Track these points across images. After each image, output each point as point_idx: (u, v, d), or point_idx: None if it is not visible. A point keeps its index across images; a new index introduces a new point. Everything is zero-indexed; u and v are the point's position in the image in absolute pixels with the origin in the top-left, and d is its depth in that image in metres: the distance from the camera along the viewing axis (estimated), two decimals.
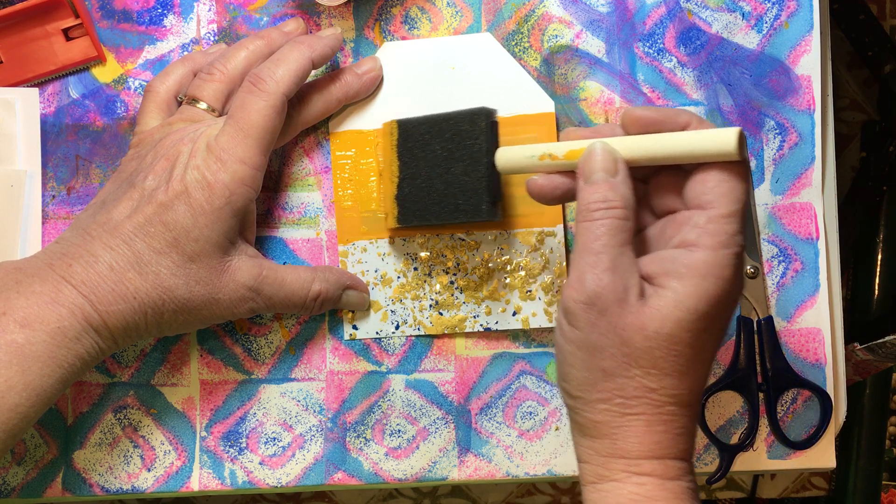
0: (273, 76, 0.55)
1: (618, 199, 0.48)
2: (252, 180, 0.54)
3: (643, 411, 0.47)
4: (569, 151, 0.50)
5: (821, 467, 0.61)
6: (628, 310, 0.46)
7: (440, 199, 0.57)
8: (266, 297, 0.56)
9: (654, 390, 0.47)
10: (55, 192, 0.61)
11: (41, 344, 0.50)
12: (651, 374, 0.46)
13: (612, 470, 0.48)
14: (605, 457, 0.48)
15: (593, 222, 0.47)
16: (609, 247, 0.47)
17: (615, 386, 0.47)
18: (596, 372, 0.47)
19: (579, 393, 0.48)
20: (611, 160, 0.48)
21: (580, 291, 0.47)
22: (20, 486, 0.60)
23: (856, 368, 0.84)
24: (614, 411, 0.47)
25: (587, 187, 0.48)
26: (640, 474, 0.47)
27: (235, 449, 0.61)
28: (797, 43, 0.61)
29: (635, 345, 0.46)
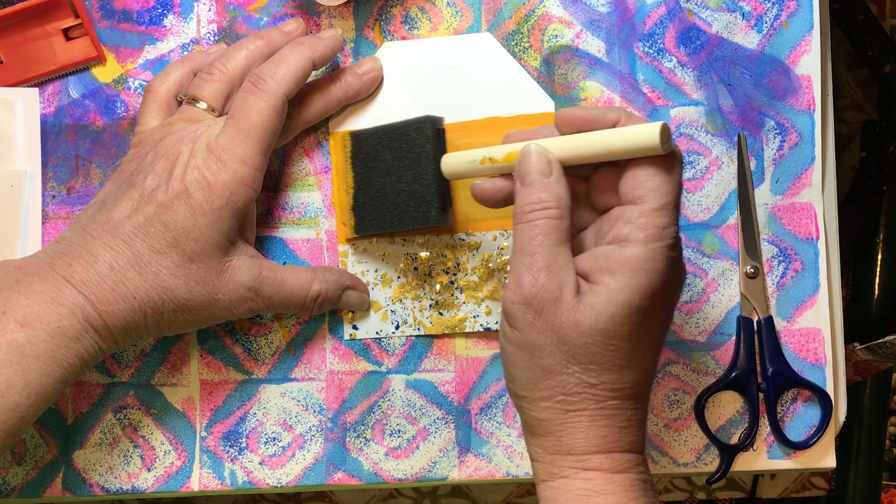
0: (274, 76, 0.55)
1: (552, 200, 0.48)
2: (252, 180, 0.54)
3: (585, 407, 0.48)
4: (507, 154, 0.51)
5: (821, 467, 0.61)
6: (563, 307, 0.47)
7: (393, 208, 0.57)
8: (266, 298, 0.56)
9: (594, 385, 0.47)
10: (55, 192, 0.61)
11: (41, 343, 0.50)
12: (590, 369, 0.47)
13: (560, 467, 0.49)
14: (552, 454, 0.49)
15: (528, 224, 0.48)
16: (543, 246, 0.48)
17: (556, 384, 0.48)
18: (537, 371, 0.48)
19: (523, 392, 0.49)
20: (544, 161, 0.49)
21: (517, 293, 0.48)
22: (20, 486, 0.60)
23: (856, 368, 0.84)
24: (557, 409, 0.48)
25: (522, 189, 0.49)
26: (587, 469, 0.48)
27: (235, 449, 0.61)
28: (797, 43, 0.61)
29: (572, 342, 0.47)
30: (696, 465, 0.61)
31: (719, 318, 0.61)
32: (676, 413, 0.61)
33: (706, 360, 0.61)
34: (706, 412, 0.61)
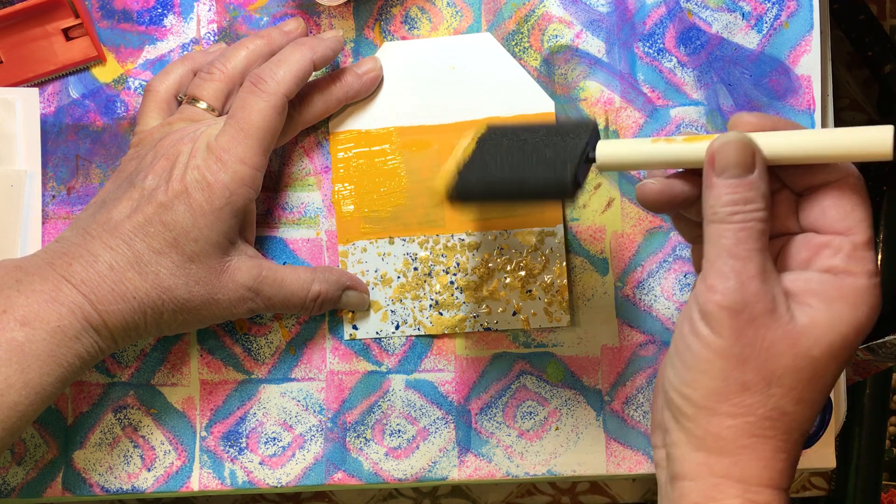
0: (274, 76, 0.55)
1: (759, 200, 0.44)
2: (252, 180, 0.54)
3: (774, 436, 0.44)
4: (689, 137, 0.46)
5: (821, 467, 0.61)
6: (779, 323, 0.44)
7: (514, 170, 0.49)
8: (265, 298, 0.56)
9: (787, 414, 0.44)
10: (55, 192, 0.61)
11: (41, 342, 0.50)
12: (790, 396, 0.44)
13: (724, 494, 0.44)
14: (720, 477, 0.45)
15: (736, 224, 0.44)
16: (755, 252, 0.44)
17: (751, 402, 0.44)
18: (733, 384, 0.44)
19: (707, 403, 0.45)
20: (748, 153, 0.44)
21: (726, 296, 0.44)
22: (20, 486, 0.60)
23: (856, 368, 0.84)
24: (743, 429, 0.44)
25: (722, 184, 0.44)
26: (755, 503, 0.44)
27: (235, 449, 0.61)
28: (797, 43, 0.61)
29: (782, 362, 0.44)
30: None
31: None
32: None
33: None
34: None
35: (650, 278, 0.61)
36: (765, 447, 0.44)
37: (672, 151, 0.46)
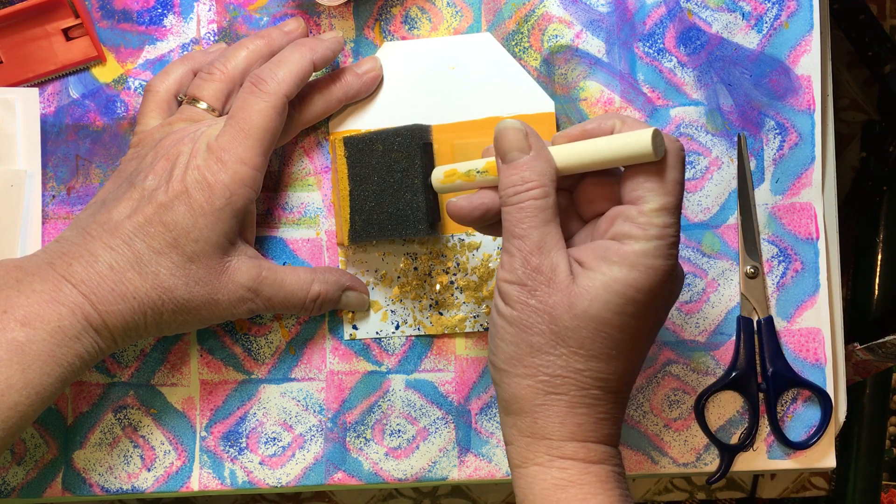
0: (274, 77, 0.55)
1: (535, 178, 0.48)
2: (252, 181, 0.54)
3: (566, 391, 0.48)
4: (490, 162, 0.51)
5: (821, 467, 0.61)
6: (556, 288, 0.47)
7: (385, 217, 0.57)
8: (265, 298, 0.56)
9: (579, 371, 0.47)
10: (55, 192, 0.61)
11: (41, 342, 0.50)
12: (578, 353, 0.47)
13: (535, 452, 0.48)
14: (527, 437, 0.48)
15: (514, 206, 0.48)
16: (532, 228, 0.48)
17: (541, 363, 0.48)
18: (523, 346, 0.48)
19: (505, 366, 0.49)
20: (521, 136, 0.49)
21: (511, 273, 0.48)
22: (20, 486, 0.60)
23: (856, 368, 0.84)
24: (538, 388, 0.48)
25: (504, 168, 0.49)
26: (562, 458, 0.48)
27: (235, 449, 0.61)
28: (797, 43, 0.61)
29: (563, 323, 0.47)
30: (696, 465, 0.61)
31: (719, 318, 0.61)
32: (676, 413, 0.61)
33: (706, 360, 0.61)
34: (706, 412, 0.61)
35: None
36: (558, 404, 0.48)
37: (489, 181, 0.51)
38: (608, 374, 0.48)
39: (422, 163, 0.56)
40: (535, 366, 0.48)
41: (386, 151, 0.57)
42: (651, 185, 0.47)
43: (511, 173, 0.48)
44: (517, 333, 0.48)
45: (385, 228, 0.57)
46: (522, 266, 0.48)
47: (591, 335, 0.47)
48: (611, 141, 0.48)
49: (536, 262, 0.47)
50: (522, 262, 0.48)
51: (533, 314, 0.47)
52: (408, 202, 0.57)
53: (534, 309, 0.47)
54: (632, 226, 0.47)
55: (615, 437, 0.49)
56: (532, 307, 0.47)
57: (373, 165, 0.57)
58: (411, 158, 0.57)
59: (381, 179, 0.57)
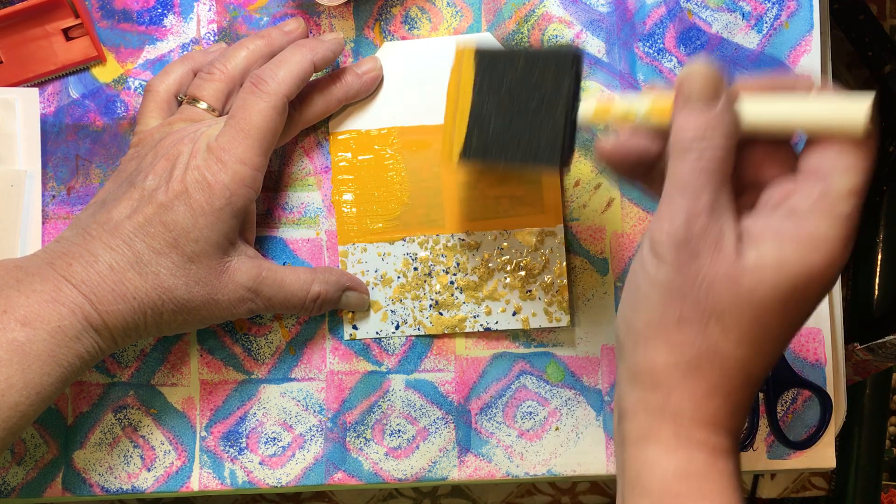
0: (275, 77, 0.55)
1: (720, 131, 0.43)
2: (252, 181, 0.54)
3: (710, 374, 0.43)
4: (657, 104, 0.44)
5: (821, 467, 0.61)
6: (722, 259, 0.42)
7: (512, 136, 0.51)
8: (265, 298, 0.56)
9: (726, 355, 0.43)
10: (55, 192, 0.61)
11: (42, 342, 0.50)
12: (729, 336, 0.42)
13: (659, 430, 0.44)
14: (654, 413, 0.44)
15: (691, 155, 0.43)
16: (709, 185, 0.42)
17: (687, 338, 0.43)
18: (670, 317, 0.43)
19: (645, 333, 0.44)
20: (711, 84, 0.43)
21: (673, 226, 0.42)
22: (20, 486, 0.60)
23: (856, 368, 0.84)
24: (676, 365, 0.43)
25: (686, 113, 0.43)
26: (690, 443, 0.43)
27: (235, 449, 0.61)
28: (797, 43, 0.61)
29: (722, 299, 0.42)
30: None
31: None
32: None
33: None
34: None
35: None
36: (698, 385, 0.43)
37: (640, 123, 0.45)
38: (752, 363, 0.43)
39: (569, 91, 0.50)
40: (679, 340, 0.43)
41: (529, 70, 0.51)
42: (846, 162, 0.42)
43: (693, 118, 0.43)
44: (666, 299, 0.43)
45: (508, 151, 0.51)
46: (687, 225, 0.42)
47: (750, 319, 0.42)
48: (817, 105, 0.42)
49: (704, 223, 0.42)
50: (687, 221, 0.42)
51: (689, 282, 0.42)
52: (544, 129, 0.50)
53: (691, 276, 0.42)
54: (814, 204, 0.42)
55: (739, 432, 0.45)
56: (690, 274, 0.42)
57: (508, 82, 0.51)
58: (559, 82, 0.50)
59: (516, 98, 0.51)
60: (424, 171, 0.61)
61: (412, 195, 0.61)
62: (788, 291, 0.42)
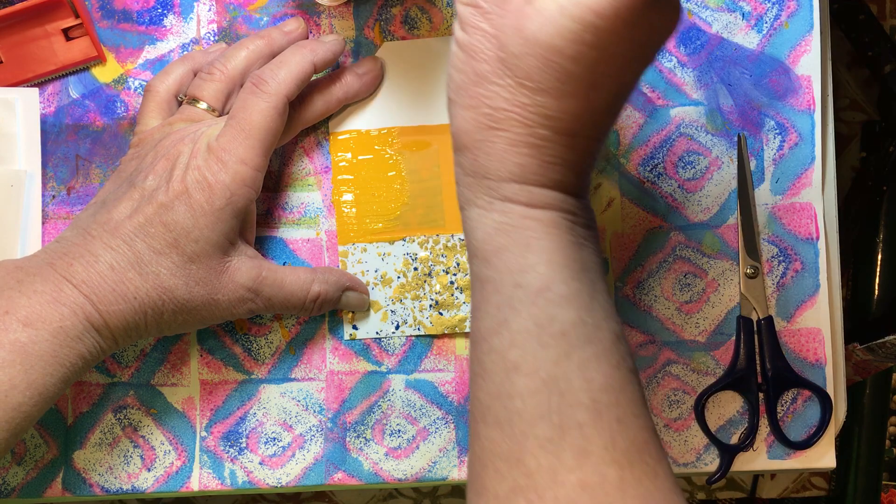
0: (275, 77, 0.55)
1: None
2: (253, 181, 0.54)
3: (509, 128, 0.43)
4: None
5: (821, 467, 0.61)
6: (510, 9, 0.42)
7: None
8: (265, 298, 0.56)
9: (524, 105, 0.42)
10: (55, 192, 0.61)
11: (44, 343, 0.50)
12: (524, 85, 0.42)
13: (476, 193, 0.44)
14: (470, 177, 0.44)
15: None
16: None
17: (485, 93, 0.43)
18: (471, 75, 0.43)
19: (454, 96, 0.44)
20: None
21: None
22: (20, 486, 0.60)
23: (856, 368, 0.84)
24: (480, 122, 0.43)
25: None
26: (503, 200, 0.44)
27: (235, 449, 0.61)
28: (797, 43, 0.61)
29: (511, 49, 0.42)
30: (696, 465, 0.61)
31: (719, 318, 0.61)
32: (676, 413, 0.61)
33: (706, 360, 0.61)
34: (706, 412, 0.61)
35: (650, 278, 0.61)
36: (500, 140, 0.43)
37: None
38: (559, 113, 0.42)
39: None
40: (479, 96, 0.43)
41: None
42: None
43: None
44: (466, 60, 0.43)
45: None
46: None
47: (540, 64, 0.41)
48: None
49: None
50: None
51: (483, 38, 0.42)
52: None
53: (484, 32, 0.42)
54: None
55: (572, 186, 0.44)
56: (482, 30, 0.42)
57: None
58: None
59: None
60: (424, 171, 0.61)
61: (412, 195, 0.61)
62: (576, 32, 0.40)
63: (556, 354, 0.43)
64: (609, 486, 0.41)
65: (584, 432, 0.42)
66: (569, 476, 0.41)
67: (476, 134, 0.44)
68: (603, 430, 0.42)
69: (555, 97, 0.42)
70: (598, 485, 0.41)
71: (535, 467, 0.42)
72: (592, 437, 0.42)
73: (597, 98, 0.42)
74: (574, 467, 0.42)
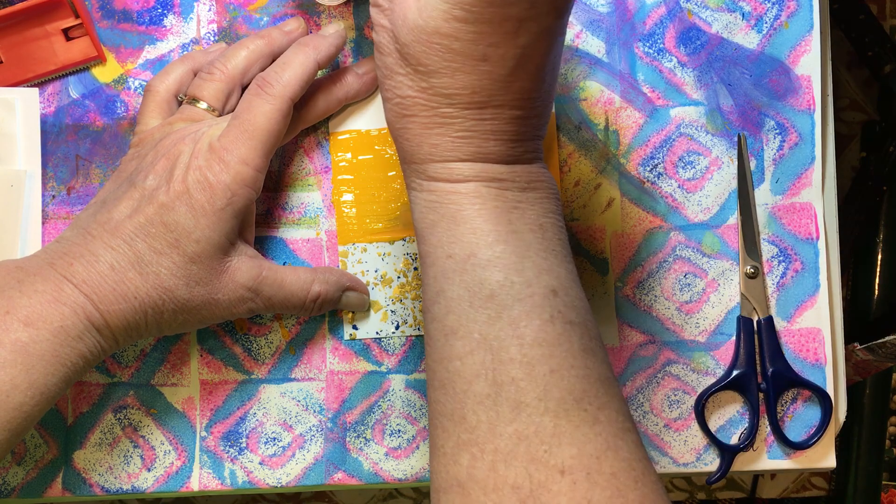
0: (280, 80, 0.55)
1: None
2: (254, 182, 0.54)
3: (417, 113, 0.46)
4: None
5: (821, 467, 0.61)
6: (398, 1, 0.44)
7: None
8: (265, 298, 0.56)
9: (424, 90, 0.45)
10: (55, 192, 0.61)
11: (45, 343, 0.50)
12: (419, 71, 0.44)
13: (409, 177, 0.48)
14: (403, 163, 0.48)
15: None
16: None
17: (394, 84, 0.46)
18: (383, 69, 0.46)
19: (380, 91, 0.47)
20: None
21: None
22: (20, 486, 0.60)
23: (856, 368, 0.84)
24: (395, 112, 0.46)
25: None
26: (428, 179, 0.47)
27: (235, 449, 0.61)
28: (797, 43, 0.61)
29: (402, 39, 0.44)
30: (696, 465, 0.61)
31: (719, 318, 0.61)
32: (676, 413, 0.61)
33: (706, 360, 0.61)
34: (706, 412, 0.61)
35: (650, 278, 0.61)
36: (413, 126, 0.46)
37: None
38: (456, 90, 0.44)
39: None
40: (391, 88, 0.46)
41: None
42: None
43: None
44: (378, 56, 0.46)
45: None
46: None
47: (426, 48, 0.44)
48: None
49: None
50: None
51: (385, 33, 0.45)
52: None
53: (384, 28, 0.45)
54: None
55: (497, 154, 0.46)
56: (383, 26, 0.45)
57: None
58: None
59: None
60: None
61: None
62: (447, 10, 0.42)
63: (487, 316, 0.45)
64: (544, 434, 0.43)
65: (518, 386, 0.44)
66: (506, 428, 0.43)
67: (396, 123, 0.47)
68: (536, 382, 0.44)
69: (448, 76, 0.44)
70: (534, 434, 0.43)
71: (476, 423, 0.44)
72: (526, 389, 0.44)
73: (493, 68, 0.44)
74: (511, 419, 0.43)
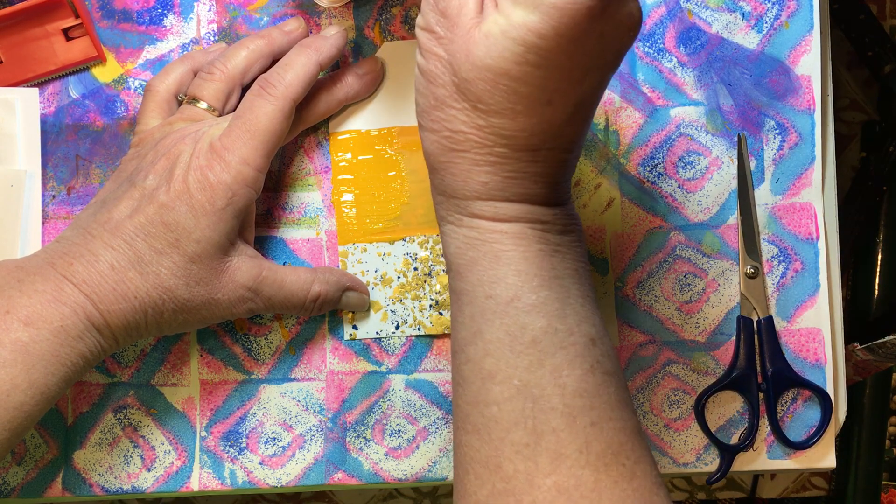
0: (282, 81, 0.55)
1: None
2: (254, 182, 0.54)
3: (469, 149, 0.45)
4: None
5: (821, 467, 0.61)
6: (458, 33, 0.43)
7: None
8: (265, 298, 0.56)
9: (480, 127, 0.44)
10: (55, 192, 0.61)
11: (45, 342, 0.50)
12: (478, 108, 0.43)
13: (448, 211, 0.47)
14: (440, 195, 0.47)
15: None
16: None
17: (445, 117, 0.45)
18: (431, 99, 0.45)
19: (420, 119, 0.46)
20: None
21: (423, 17, 0.44)
22: (20, 486, 0.60)
23: (856, 368, 0.84)
24: (443, 144, 0.45)
25: None
26: (471, 216, 0.46)
27: (235, 449, 0.61)
28: (797, 43, 0.61)
29: (462, 74, 0.43)
30: (696, 465, 0.61)
31: (719, 318, 0.61)
32: (676, 413, 0.61)
33: (706, 360, 0.61)
34: (706, 412, 0.61)
35: (650, 278, 0.61)
36: (462, 161, 0.45)
37: None
38: (514, 132, 0.44)
39: None
40: (439, 120, 0.45)
41: None
42: None
43: None
44: (426, 85, 0.45)
45: None
46: (432, 9, 0.44)
47: (490, 88, 0.43)
48: None
49: (444, 3, 0.43)
50: (433, 5, 0.44)
51: (439, 63, 0.44)
52: None
53: (439, 58, 0.44)
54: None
55: (541, 196, 0.46)
56: (438, 56, 0.44)
57: None
58: None
59: None
60: (424, 171, 0.61)
61: (412, 195, 0.61)
62: (520, 54, 0.41)
63: (529, 362, 0.44)
64: (584, 488, 0.42)
65: (559, 437, 0.43)
66: (545, 480, 0.42)
67: (441, 156, 0.46)
68: (577, 434, 0.43)
69: (509, 117, 0.43)
70: (574, 487, 0.42)
71: (513, 472, 0.43)
72: (567, 441, 0.43)
73: (554, 113, 0.43)
74: (550, 471, 0.43)
